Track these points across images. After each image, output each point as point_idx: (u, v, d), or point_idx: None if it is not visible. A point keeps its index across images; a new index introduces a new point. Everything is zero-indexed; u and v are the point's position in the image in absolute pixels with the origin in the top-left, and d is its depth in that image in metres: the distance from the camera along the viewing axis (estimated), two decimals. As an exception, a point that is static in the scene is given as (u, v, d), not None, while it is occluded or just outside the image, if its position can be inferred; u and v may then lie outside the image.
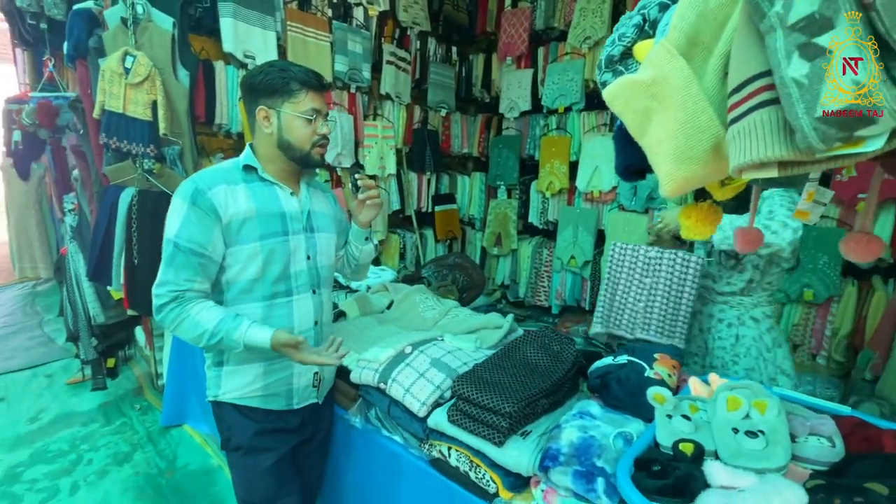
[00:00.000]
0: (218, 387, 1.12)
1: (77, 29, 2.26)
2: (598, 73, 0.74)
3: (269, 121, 1.07)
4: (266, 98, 1.06)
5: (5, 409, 2.64)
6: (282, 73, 1.06)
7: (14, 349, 3.42)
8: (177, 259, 1.00)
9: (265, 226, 1.07)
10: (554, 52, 3.44)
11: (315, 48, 2.77)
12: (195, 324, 1.01)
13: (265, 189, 1.10)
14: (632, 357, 1.14)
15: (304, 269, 1.14)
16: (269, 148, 1.10)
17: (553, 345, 1.17)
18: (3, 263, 5.59)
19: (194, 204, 1.01)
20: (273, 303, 1.09)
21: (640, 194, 3.02)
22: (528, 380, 1.03)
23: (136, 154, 2.18)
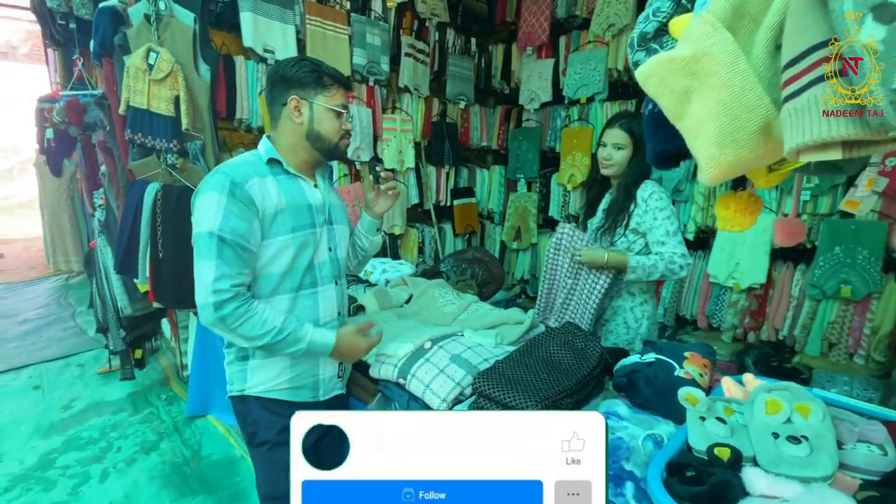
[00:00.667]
0: (244, 381, 1.12)
1: (102, 27, 2.30)
2: (629, 52, 0.69)
3: (300, 111, 1.08)
4: (299, 89, 1.08)
5: (40, 396, 2.74)
6: (315, 68, 1.09)
7: (49, 339, 3.56)
8: (224, 252, 0.99)
9: (296, 218, 1.08)
10: (576, 42, 3.35)
11: (334, 41, 2.75)
12: (262, 321, 1.01)
13: (291, 182, 1.11)
14: (660, 355, 1.09)
15: (327, 261, 1.16)
16: (294, 139, 1.11)
17: (577, 342, 1.13)
18: (38, 257, 5.82)
19: (234, 196, 1.00)
20: (299, 294, 1.11)
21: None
22: (551, 377, 0.99)
23: (160, 149, 2.21)
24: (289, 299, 1.10)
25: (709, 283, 2.88)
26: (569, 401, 0.97)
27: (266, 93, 1.13)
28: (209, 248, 0.98)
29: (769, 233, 2.60)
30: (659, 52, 0.59)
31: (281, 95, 1.09)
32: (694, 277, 2.99)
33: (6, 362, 3.16)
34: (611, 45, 3.12)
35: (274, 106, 1.11)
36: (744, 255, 2.68)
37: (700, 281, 2.95)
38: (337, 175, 2.97)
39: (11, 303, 4.39)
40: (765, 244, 2.62)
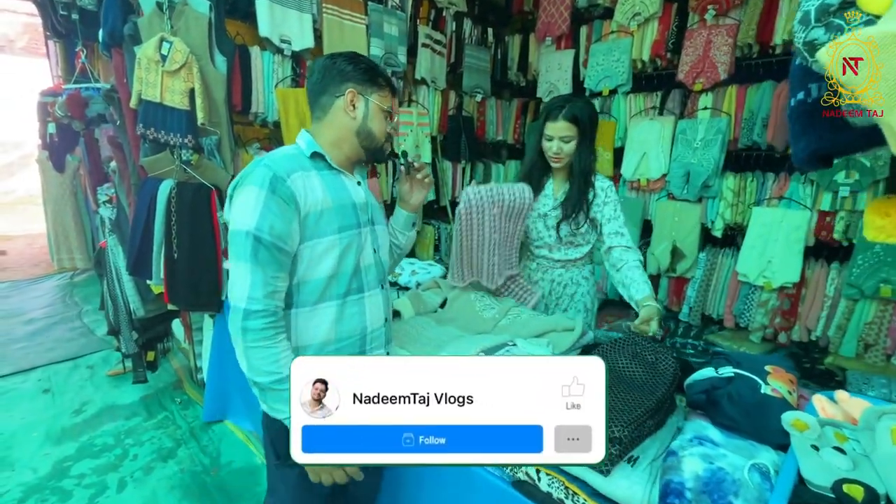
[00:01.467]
0: None
1: (112, 16, 2.19)
2: (798, 30, 0.59)
3: (354, 106, 1.03)
4: (357, 83, 1.03)
5: (50, 400, 2.66)
6: (372, 66, 1.06)
7: (56, 340, 3.47)
8: (260, 255, 0.91)
9: (342, 217, 1.01)
10: (598, 32, 3.23)
11: (351, 31, 2.64)
12: (276, 359, 0.92)
13: (335, 178, 1.04)
14: (739, 369, 1.01)
15: (373, 263, 1.09)
16: (342, 133, 1.04)
17: (647, 354, 1.04)
18: (41, 254, 5.72)
19: (274, 192, 0.92)
20: (346, 300, 1.03)
21: (694, 182, 2.82)
22: (628, 396, 0.91)
23: (174, 145, 2.11)
24: (336, 306, 1.02)
25: (737, 281, 2.80)
26: (651, 423, 0.89)
27: (314, 82, 1.05)
28: (245, 249, 0.91)
29: (803, 230, 2.52)
30: (845, 29, 0.50)
31: (336, 87, 1.03)
32: (721, 275, 2.90)
33: (14, 364, 3.08)
34: (636, 34, 3.02)
35: (323, 96, 1.04)
36: (776, 253, 2.60)
37: (728, 279, 2.87)
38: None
39: (16, 301, 4.30)
40: (799, 241, 2.54)
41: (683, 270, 3.01)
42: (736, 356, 1.07)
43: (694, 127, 2.81)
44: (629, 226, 3.10)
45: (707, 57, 2.73)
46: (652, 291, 1.51)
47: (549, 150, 1.52)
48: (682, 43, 2.83)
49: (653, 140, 3.00)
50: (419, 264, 1.92)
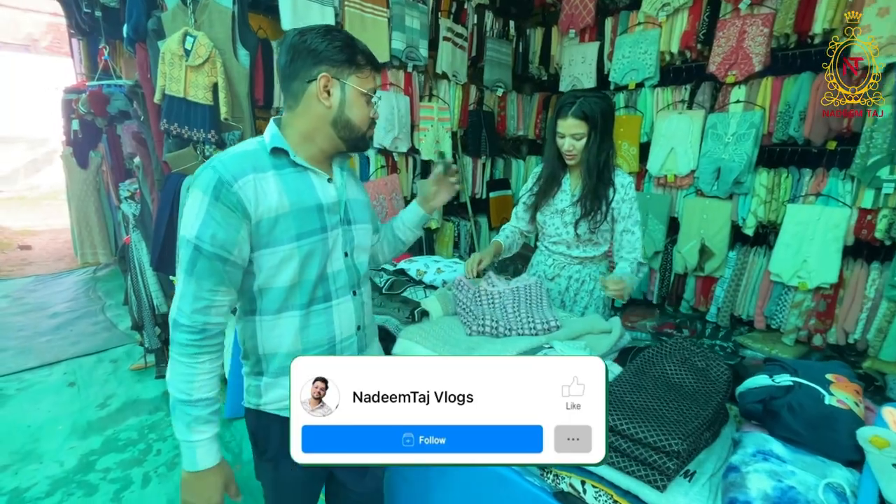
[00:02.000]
0: (258, 396, 1.00)
1: (136, 10, 2.19)
2: None
3: (328, 92, 0.90)
4: (330, 66, 0.89)
5: (75, 394, 2.69)
6: (350, 42, 0.90)
7: (80, 334, 3.52)
8: (198, 265, 0.84)
9: (302, 223, 0.90)
10: (624, 23, 3.14)
11: (373, 24, 2.60)
12: (190, 379, 0.85)
13: (298, 177, 0.92)
14: (797, 377, 0.94)
15: (343, 269, 0.99)
16: (315, 123, 0.92)
17: (696, 360, 0.99)
18: (65, 249, 5.84)
19: (218, 199, 0.83)
20: (310, 310, 0.95)
21: (725, 178, 2.72)
22: (682, 406, 0.85)
23: (197, 140, 2.10)
24: (299, 316, 0.94)
25: (769, 281, 2.69)
26: (708, 434, 0.83)
27: (282, 65, 0.92)
28: (184, 258, 0.85)
29: (842, 228, 2.41)
30: None
31: (306, 70, 0.89)
32: (752, 275, 2.80)
33: (40, 357, 3.13)
34: (664, 25, 2.92)
35: (293, 81, 0.91)
36: (812, 253, 2.49)
37: (759, 279, 2.77)
38: (374, 167, 2.84)
39: (41, 295, 4.38)
40: (837, 240, 2.43)
41: (712, 269, 2.91)
42: (791, 363, 1.00)
43: (725, 121, 2.71)
44: (655, 222, 3.06)
45: (740, 48, 2.62)
46: (632, 271, 1.54)
47: (562, 147, 1.49)
48: (713, 34, 2.73)
49: (681, 135, 2.90)
50: (444, 262, 1.87)
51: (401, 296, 1.61)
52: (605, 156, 1.49)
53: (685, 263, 2.98)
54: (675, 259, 3.07)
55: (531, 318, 1.31)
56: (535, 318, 1.31)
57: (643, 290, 3.32)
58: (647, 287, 3.30)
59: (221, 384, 0.94)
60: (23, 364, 3.03)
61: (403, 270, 1.88)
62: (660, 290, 3.23)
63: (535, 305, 1.39)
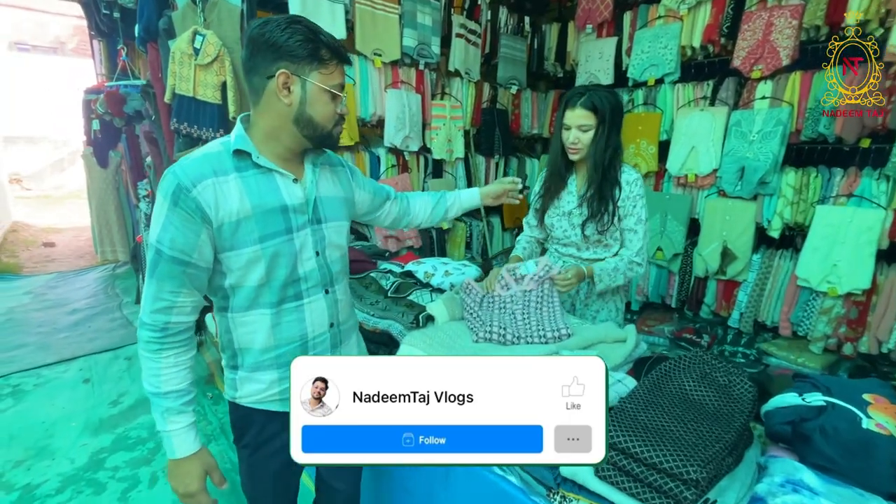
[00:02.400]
0: (235, 389, 1.02)
1: (147, 10, 2.20)
2: None
3: (289, 89, 0.86)
4: (288, 62, 0.85)
5: (90, 390, 2.73)
6: (312, 35, 0.86)
7: (97, 330, 3.58)
8: (159, 268, 0.85)
9: (264, 226, 0.89)
10: (644, 17, 3.03)
11: (384, 21, 2.56)
12: (157, 373, 0.88)
13: (261, 179, 0.90)
14: (830, 396, 0.86)
15: (315, 268, 0.99)
16: (278, 121, 0.89)
17: (717, 375, 0.91)
18: (87, 246, 5.97)
19: (176, 204, 0.83)
20: (281, 309, 0.96)
21: (749, 178, 2.60)
22: (700, 426, 0.78)
23: (207, 139, 2.09)
24: (270, 314, 0.95)
25: (796, 286, 2.57)
26: (730, 460, 0.76)
27: (244, 58, 0.89)
28: (148, 260, 0.87)
29: (876, 231, 2.27)
30: None
31: (266, 66, 0.85)
32: (778, 279, 2.68)
33: (58, 353, 3.18)
34: (686, 19, 2.81)
35: (254, 76, 0.88)
36: (843, 257, 2.36)
37: (785, 284, 2.64)
38: (385, 166, 2.80)
39: (62, 292, 4.48)
40: (870, 243, 2.29)
41: (734, 273, 2.79)
42: (824, 381, 0.92)
43: (750, 118, 2.58)
44: (675, 223, 2.96)
45: (767, 41, 2.50)
46: (599, 269, 1.46)
47: (567, 140, 1.43)
48: (738, 27, 2.61)
49: (703, 132, 2.79)
50: (453, 264, 1.82)
51: (406, 299, 1.57)
52: (611, 152, 1.43)
53: (706, 266, 2.86)
54: (695, 262, 2.95)
55: (541, 326, 1.25)
56: (546, 325, 1.25)
57: (661, 293, 3.21)
58: (666, 290, 3.19)
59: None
60: (41, 360, 3.09)
61: (411, 272, 1.83)
62: (679, 294, 3.12)
63: (547, 312, 1.33)
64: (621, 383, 1.03)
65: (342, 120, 0.97)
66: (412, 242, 2.94)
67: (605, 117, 1.38)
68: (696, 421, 0.80)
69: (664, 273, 3.16)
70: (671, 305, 3.19)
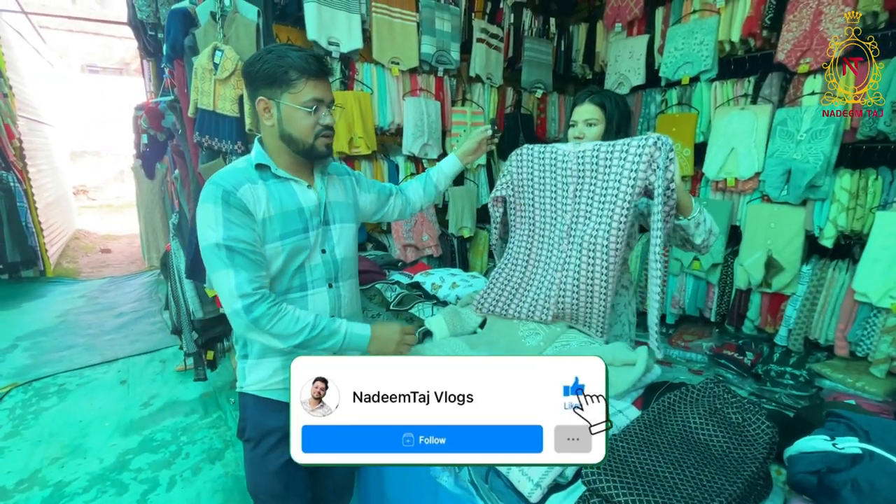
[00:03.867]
0: (244, 378, 1.13)
1: (174, 29, 2.28)
2: None
3: (269, 112, 1.02)
4: (265, 89, 1.00)
5: (125, 392, 2.86)
6: (279, 61, 0.98)
7: (139, 333, 3.78)
8: (236, 260, 0.95)
9: (285, 224, 1.03)
10: (677, 12, 2.86)
11: (401, 29, 2.55)
12: (295, 319, 0.99)
13: (281, 186, 1.05)
14: (867, 444, 0.72)
15: (320, 263, 1.11)
16: (272, 140, 1.05)
17: (730, 411, 0.79)
18: (138, 253, 6.36)
19: (228, 204, 0.96)
20: (287, 298, 1.06)
21: (797, 181, 2.37)
22: (702, 474, 0.67)
23: (226, 151, 2.15)
24: None
25: (854, 301, 2.30)
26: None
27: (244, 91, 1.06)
28: (220, 259, 0.96)
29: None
30: None
31: (252, 95, 1.02)
32: (832, 293, 2.41)
33: (102, 354, 3.38)
34: (723, 12, 2.61)
35: (251, 104, 1.07)
36: (909, 269, 2.09)
37: (841, 298, 2.38)
38: (403, 174, 2.78)
39: (112, 296, 4.78)
40: (942, 255, 2.02)
41: (781, 286, 2.55)
42: (863, 423, 0.78)
43: (797, 116, 2.36)
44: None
45: (816, 32, 2.28)
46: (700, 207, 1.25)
47: (572, 134, 1.37)
48: (782, 18, 2.40)
49: (744, 133, 2.57)
50: (461, 276, 1.76)
51: (408, 312, 1.52)
52: None
53: (748, 278, 2.63)
54: (736, 273, 2.72)
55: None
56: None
57: (699, 305, 2.98)
58: (704, 303, 2.96)
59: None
60: (87, 360, 3.29)
61: (419, 284, 1.79)
62: (718, 307, 2.89)
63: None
64: (622, 414, 0.92)
65: (326, 130, 1.05)
66: (431, 251, 2.89)
67: (614, 117, 1.32)
68: (696, 467, 0.69)
69: (702, 284, 2.94)
70: (710, 319, 2.96)
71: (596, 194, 1.22)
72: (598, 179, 1.21)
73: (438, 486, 1.01)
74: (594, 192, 1.22)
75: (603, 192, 1.20)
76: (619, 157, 1.17)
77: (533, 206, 1.35)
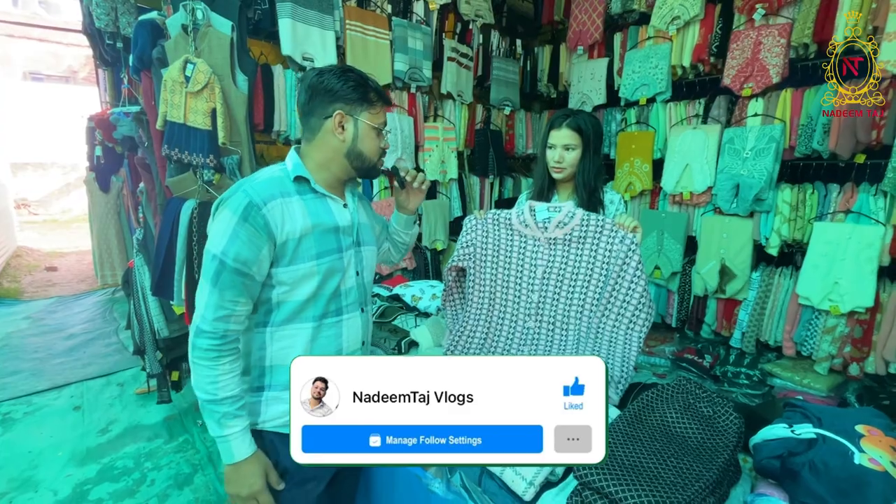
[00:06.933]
0: (257, 414, 1.02)
1: (141, 40, 2.23)
2: None
3: (343, 127, 1.01)
4: (345, 104, 1.01)
5: (79, 418, 2.69)
6: (363, 81, 1.02)
7: (92, 356, 3.56)
8: (221, 278, 0.92)
9: (322, 243, 1.00)
10: (633, 38, 3.07)
11: (375, 47, 2.60)
12: (214, 378, 0.93)
13: (318, 202, 1.03)
14: (821, 429, 0.81)
15: (354, 287, 1.09)
16: (331, 154, 1.03)
17: (701, 406, 0.87)
18: (88, 270, 6.00)
19: (246, 220, 0.92)
20: (322, 323, 1.03)
21: (745, 195, 2.57)
22: (681, 463, 0.74)
23: (197, 165, 2.10)
24: (311, 328, 1.02)
25: (798, 304, 2.50)
26: (713, 499, 0.71)
27: (302, 102, 1.03)
28: (209, 270, 0.94)
29: (876, 247, 2.22)
30: None
31: (323, 108, 1.01)
32: (779, 298, 2.62)
33: (51, 380, 3.16)
34: (675, 39, 2.83)
35: (312, 118, 1.02)
36: (844, 274, 2.31)
37: (786, 302, 2.58)
38: (377, 188, 2.80)
39: (60, 317, 4.48)
40: (871, 260, 2.24)
41: (734, 292, 2.74)
42: (815, 410, 0.87)
43: (743, 135, 2.57)
44: (672, 241, 2.92)
45: (756, 59, 2.51)
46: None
47: (551, 159, 1.45)
48: (726, 46, 2.62)
49: (696, 150, 2.77)
50: (440, 287, 1.79)
51: (391, 324, 1.54)
52: (595, 172, 1.46)
53: (705, 285, 2.81)
54: (694, 280, 2.90)
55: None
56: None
57: (661, 312, 3.14)
58: (666, 310, 3.13)
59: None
60: (34, 386, 3.06)
61: (398, 296, 1.81)
62: (679, 313, 3.06)
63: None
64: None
65: (384, 153, 1.09)
66: (405, 264, 2.91)
67: (590, 139, 1.41)
68: (676, 457, 0.75)
69: (663, 292, 3.11)
70: (671, 325, 3.13)
71: (565, 279, 1.22)
72: (569, 265, 1.22)
73: (430, 494, 1.03)
74: (563, 276, 1.23)
75: (573, 277, 1.22)
76: (590, 247, 1.20)
77: (495, 281, 1.31)
